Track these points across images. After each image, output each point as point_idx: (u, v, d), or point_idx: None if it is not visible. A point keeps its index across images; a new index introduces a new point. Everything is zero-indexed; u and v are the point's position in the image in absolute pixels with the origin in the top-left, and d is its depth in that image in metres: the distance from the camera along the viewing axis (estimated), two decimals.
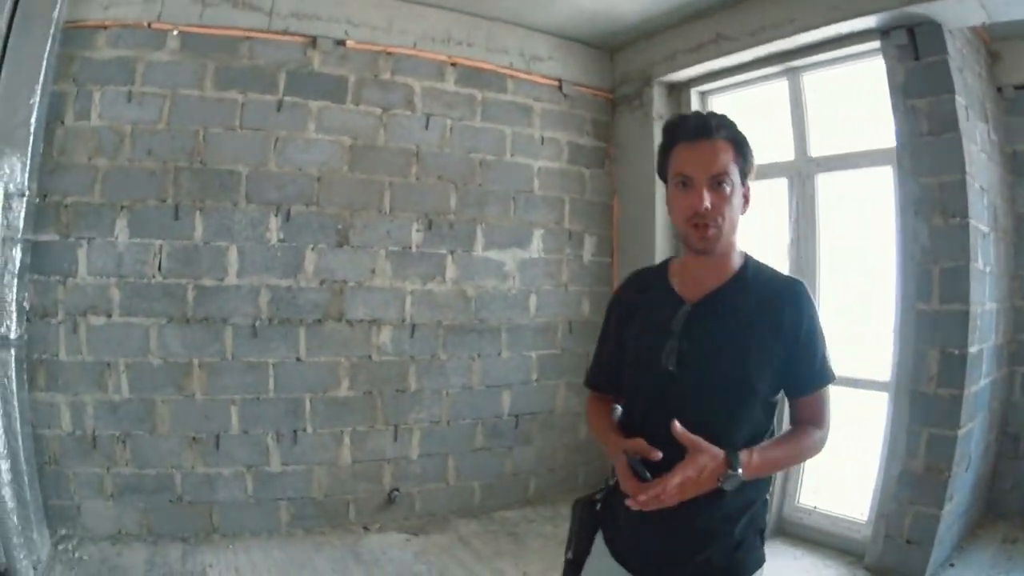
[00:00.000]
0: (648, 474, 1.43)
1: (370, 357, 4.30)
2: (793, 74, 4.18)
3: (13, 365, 3.30)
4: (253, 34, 3.99)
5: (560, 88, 4.89)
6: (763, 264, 1.64)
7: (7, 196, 3.22)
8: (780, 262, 4.30)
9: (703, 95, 4.79)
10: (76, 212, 3.70)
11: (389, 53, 4.33)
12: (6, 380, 3.25)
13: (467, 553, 3.96)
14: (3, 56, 3.29)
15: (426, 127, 4.45)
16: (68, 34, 3.61)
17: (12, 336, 3.30)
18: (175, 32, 3.85)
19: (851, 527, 3.85)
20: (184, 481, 3.87)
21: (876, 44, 3.60)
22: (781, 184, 4.27)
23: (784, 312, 1.53)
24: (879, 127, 3.69)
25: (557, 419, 4.89)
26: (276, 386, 4.06)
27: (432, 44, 4.46)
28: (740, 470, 1.42)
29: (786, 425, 1.66)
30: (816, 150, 4.12)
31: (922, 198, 3.47)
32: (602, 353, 1.81)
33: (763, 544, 1.61)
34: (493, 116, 4.68)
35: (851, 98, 4.07)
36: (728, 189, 1.49)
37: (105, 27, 3.74)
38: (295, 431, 4.10)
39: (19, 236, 3.35)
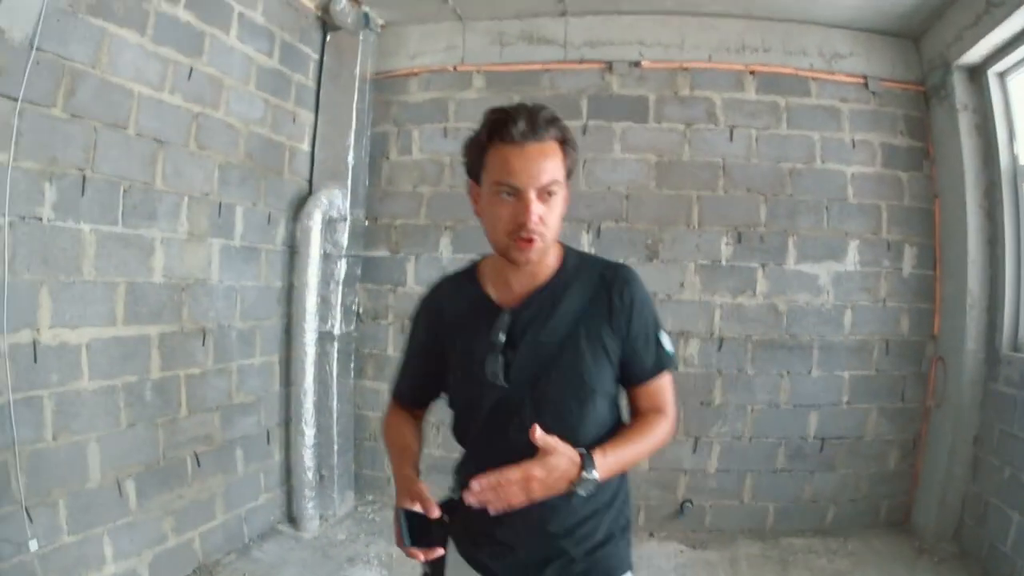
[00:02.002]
0: (409, 537, 1.31)
1: (676, 368, 4.24)
2: None
3: (335, 356, 4.10)
4: (551, 66, 4.31)
5: (866, 85, 4.45)
6: (584, 254, 1.56)
7: (331, 220, 4.00)
8: None
9: (1001, 76, 3.96)
10: (404, 232, 4.34)
11: (685, 69, 4.35)
12: (327, 367, 4.05)
13: (726, 575, 3.82)
14: (317, 109, 4.14)
15: (730, 139, 4.37)
16: (382, 83, 4.38)
17: (336, 332, 4.08)
18: (478, 72, 4.32)
19: None
20: None
21: None
22: None
23: (612, 300, 1.45)
24: None
25: (866, 446, 4.41)
26: None
27: (727, 54, 4.38)
28: (596, 473, 1.32)
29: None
30: None
31: None
32: (408, 366, 1.74)
33: (630, 544, 1.56)
34: (799, 122, 4.42)
35: None
36: (558, 197, 1.39)
37: (415, 74, 4.43)
38: None
39: (343, 252, 4.12)
